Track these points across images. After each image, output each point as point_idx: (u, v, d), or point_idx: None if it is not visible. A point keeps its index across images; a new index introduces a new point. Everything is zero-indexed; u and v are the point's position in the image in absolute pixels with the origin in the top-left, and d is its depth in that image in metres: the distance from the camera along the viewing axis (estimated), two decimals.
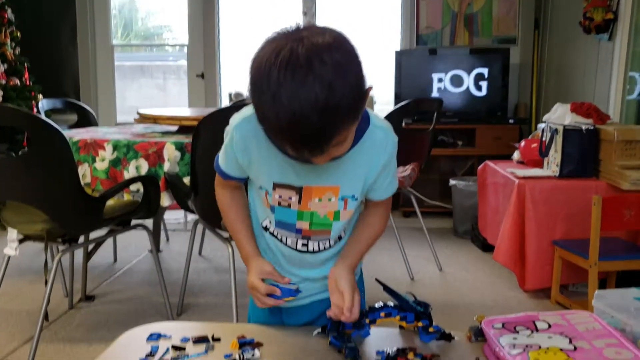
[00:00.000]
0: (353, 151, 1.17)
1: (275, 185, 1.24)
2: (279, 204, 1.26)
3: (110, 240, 3.84)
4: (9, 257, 2.41)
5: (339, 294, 1.26)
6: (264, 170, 1.22)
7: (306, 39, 0.97)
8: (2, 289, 3.16)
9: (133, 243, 4.15)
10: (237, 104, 2.34)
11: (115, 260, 3.79)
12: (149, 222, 3.51)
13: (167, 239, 4.30)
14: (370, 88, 1.06)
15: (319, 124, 0.96)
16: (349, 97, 0.97)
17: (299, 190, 1.23)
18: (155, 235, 3.91)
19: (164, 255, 3.91)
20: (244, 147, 1.21)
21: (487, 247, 3.80)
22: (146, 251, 3.96)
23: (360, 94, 1.01)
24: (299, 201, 1.25)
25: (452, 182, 4.35)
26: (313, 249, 1.34)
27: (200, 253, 3.92)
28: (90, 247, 2.96)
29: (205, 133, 2.28)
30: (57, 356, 2.42)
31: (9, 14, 4.87)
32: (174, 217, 4.88)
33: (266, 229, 1.33)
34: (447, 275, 3.47)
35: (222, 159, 1.29)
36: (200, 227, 3.10)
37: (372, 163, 1.23)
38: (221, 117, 2.31)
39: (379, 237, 1.37)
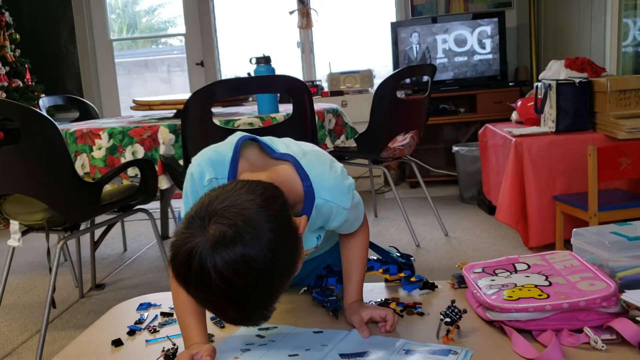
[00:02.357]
0: (309, 225, 1.15)
1: None
2: None
3: (119, 231, 3.90)
4: (13, 249, 2.46)
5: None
6: None
7: (215, 249, 0.89)
8: (15, 284, 3.24)
9: (143, 233, 4.21)
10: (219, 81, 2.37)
11: (125, 249, 3.85)
12: (156, 211, 3.55)
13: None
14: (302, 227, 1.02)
15: (247, 322, 0.98)
16: (273, 297, 0.96)
17: None
18: (163, 223, 3.95)
19: None
20: None
21: (492, 210, 3.79)
22: (155, 239, 4.01)
23: (278, 275, 0.95)
24: None
25: (455, 148, 4.35)
26: None
27: None
28: (97, 236, 3.00)
29: (193, 111, 2.30)
30: (68, 342, 2.47)
31: (7, 16, 4.92)
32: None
33: None
34: (452, 239, 3.47)
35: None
36: None
37: (328, 224, 1.20)
38: (207, 93, 2.34)
39: (367, 247, 1.32)
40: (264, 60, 2.83)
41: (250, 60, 2.86)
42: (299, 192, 1.13)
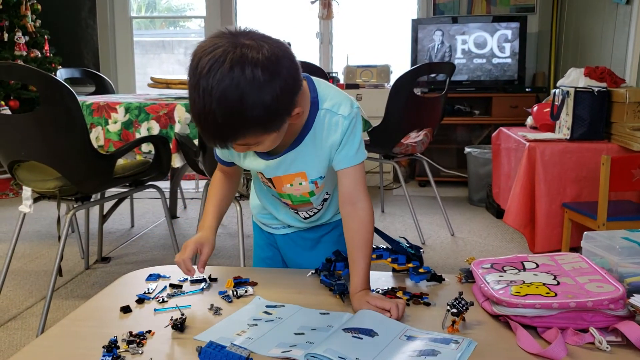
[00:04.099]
0: (307, 138, 1.26)
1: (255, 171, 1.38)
2: (264, 183, 1.40)
3: (128, 207, 3.92)
4: (24, 215, 2.48)
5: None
6: (242, 161, 1.35)
7: (244, 47, 1.04)
8: (23, 251, 3.27)
9: (151, 211, 4.24)
10: None
11: (132, 226, 3.87)
12: (165, 191, 3.57)
13: (185, 207, 4.37)
14: (299, 112, 1.14)
15: (221, 123, 1.05)
16: (258, 111, 1.05)
17: (269, 180, 1.35)
18: (171, 202, 3.97)
19: (181, 222, 3.98)
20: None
21: (500, 214, 3.79)
22: (163, 218, 4.03)
23: (273, 113, 1.08)
24: (274, 187, 1.36)
25: (467, 150, 4.34)
26: (304, 216, 1.46)
27: None
28: (106, 209, 3.02)
29: None
30: (72, 311, 2.50)
31: None
32: (191, 186, 4.96)
33: None
34: (458, 240, 3.48)
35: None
36: None
37: (330, 144, 1.27)
38: None
39: (372, 232, 1.32)
40: None
41: None
42: (308, 102, 1.24)
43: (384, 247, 1.42)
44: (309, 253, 1.51)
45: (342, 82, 5.15)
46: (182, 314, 1.12)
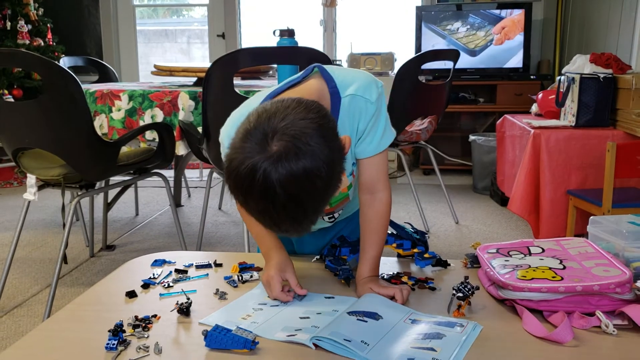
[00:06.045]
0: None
1: None
2: None
3: (132, 196, 3.92)
4: (28, 203, 2.48)
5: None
6: None
7: (280, 164, 0.91)
8: (28, 239, 3.28)
9: (155, 199, 4.24)
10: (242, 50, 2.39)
11: (137, 214, 3.87)
12: (170, 179, 3.57)
13: (189, 195, 4.37)
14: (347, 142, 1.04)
15: (296, 233, 1.00)
16: (323, 202, 0.99)
17: None
18: (176, 191, 3.98)
19: (185, 210, 3.98)
20: None
21: (505, 202, 3.79)
22: (167, 206, 4.04)
23: (332, 190, 0.99)
24: None
25: (471, 137, 4.33)
26: (338, 215, 1.40)
27: (220, 207, 3.98)
28: (110, 197, 3.02)
29: (215, 78, 2.30)
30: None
31: None
32: (195, 175, 4.96)
33: None
34: (462, 227, 3.47)
35: None
36: (220, 183, 3.12)
37: (357, 128, 1.20)
38: (230, 61, 2.33)
39: (387, 222, 1.31)
40: (288, 33, 2.82)
41: (274, 32, 2.85)
42: (327, 97, 1.16)
43: (390, 232, 1.41)
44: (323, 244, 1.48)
45: None
46: (188, 299, 1.12)
